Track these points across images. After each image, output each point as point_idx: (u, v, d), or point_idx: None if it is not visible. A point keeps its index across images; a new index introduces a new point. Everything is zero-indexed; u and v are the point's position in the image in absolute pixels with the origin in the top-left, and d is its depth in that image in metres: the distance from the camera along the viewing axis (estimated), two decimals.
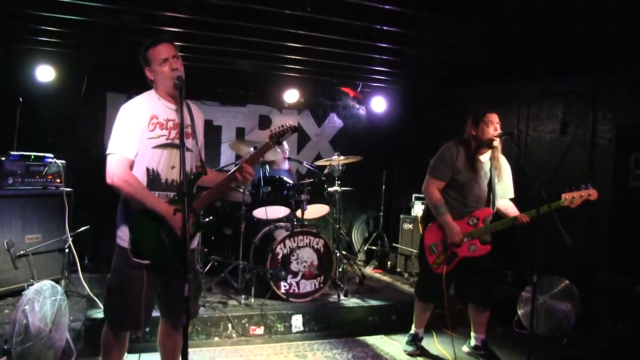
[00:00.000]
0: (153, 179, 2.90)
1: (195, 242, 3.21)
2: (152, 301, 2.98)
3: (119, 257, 2.92)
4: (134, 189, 2.81)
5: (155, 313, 3.14)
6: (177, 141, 2.94)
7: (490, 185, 4.13)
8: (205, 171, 3.04)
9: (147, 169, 2.89)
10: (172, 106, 2.99)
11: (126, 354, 3.90)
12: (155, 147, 2.89)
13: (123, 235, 2.89)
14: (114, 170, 2.79)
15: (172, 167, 2.95)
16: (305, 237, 5.21)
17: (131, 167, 2.87)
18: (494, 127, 3.98)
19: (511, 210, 4.15)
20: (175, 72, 2.89)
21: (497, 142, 4.02)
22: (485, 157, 4.13)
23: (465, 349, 4.43)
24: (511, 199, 4.23)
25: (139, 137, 2.84)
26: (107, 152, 2.83)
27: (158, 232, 2.86)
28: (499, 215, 4.19)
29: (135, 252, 2.87)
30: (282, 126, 3.08)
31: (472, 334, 4.37)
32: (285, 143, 6.29)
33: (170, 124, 2.95)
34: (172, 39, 3.19)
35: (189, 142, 3.01)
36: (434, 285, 4.09)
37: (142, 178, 2.88)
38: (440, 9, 4.31)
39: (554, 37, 4.72)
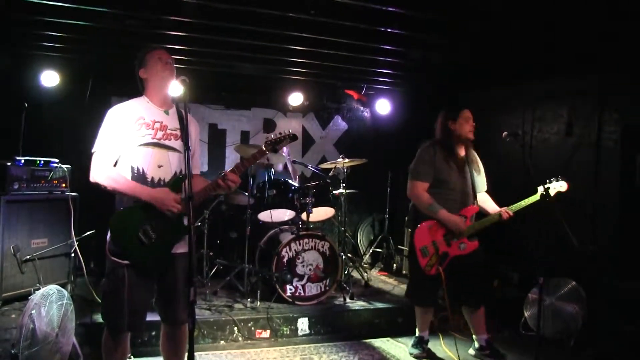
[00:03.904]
0: (138, 177, 2.91)
1: (186, 247, 3.00)
2: (140, 303, 2.94)
3: (107, 259, 2.93)
4: (116, 183, 2.85)
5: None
6: (164, 142, 2.99)
7: (472, 179, 4.20)
8: (192, 175, 3.07)
9: (132, 167, 2.91)
10: (160, 109, 3.03)
11: (132, 357, 3.93)
12: (140, 146, 2.92)
13: (107, 236, 2.92)
14: (96, 167, 2.86)
15: (159, 167, 2.97)
16: (310, 240, 5.21)
17: (115, 166, 2.92)
18: (470, 124, 4.14)
19: (489, 203, 4.29)
20: (168, 65, 3.00)
21: (472, 136, 4.17)
22: (461, 153, 4.23)
23: (471, 351, 4.41)
24: (487, 192, 4.37)
25: (123, 136, 2.89)
26: (92, 150, 2.89)
27: (137, 232, 2.83)
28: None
29: (113, 251, 2.87)
30: (280, 133, 3.05)
31: (474, 336, 4.37)
32: (285, 147, 6.29)
33: (157, 125, 2.99)
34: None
35: (176, 143, 3.03)
36: (428, 288, 4.13)
37: (127, 176, 2.90)
38: (444, 10, 4.30)
39: (559, 38, 4.71)
